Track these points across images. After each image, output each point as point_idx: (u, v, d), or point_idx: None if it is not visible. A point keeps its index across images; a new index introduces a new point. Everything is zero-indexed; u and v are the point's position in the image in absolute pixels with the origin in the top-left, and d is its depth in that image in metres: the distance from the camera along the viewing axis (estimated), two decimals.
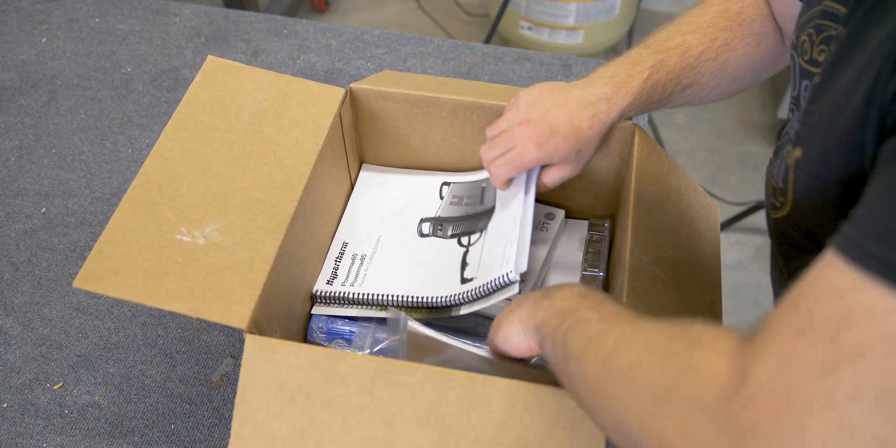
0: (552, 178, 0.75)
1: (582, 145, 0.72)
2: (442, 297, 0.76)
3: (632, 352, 0.46)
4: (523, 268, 0.72)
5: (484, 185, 0.87)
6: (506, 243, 0.75)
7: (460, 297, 0.75)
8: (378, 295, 0.78)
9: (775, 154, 0.64)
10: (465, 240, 0.83)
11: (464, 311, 0.75)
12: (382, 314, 0.78)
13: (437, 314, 0.77)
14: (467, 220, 0.84)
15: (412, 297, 0.77)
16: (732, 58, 0.73)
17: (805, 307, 0.37)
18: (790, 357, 0.36)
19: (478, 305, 0.75)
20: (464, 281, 0.78)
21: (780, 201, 0.59)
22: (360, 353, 0.77)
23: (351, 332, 0.77)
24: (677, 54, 0.71)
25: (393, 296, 0.78)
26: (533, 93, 0.74)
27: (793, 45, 0.61)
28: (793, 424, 0.34)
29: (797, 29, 0.60)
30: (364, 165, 0.91)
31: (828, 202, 0.51)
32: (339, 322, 0.79)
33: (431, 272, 0.80)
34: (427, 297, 0.77)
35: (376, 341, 0.77)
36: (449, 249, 0.82)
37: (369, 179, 0.90)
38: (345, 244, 0.84)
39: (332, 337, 0.78)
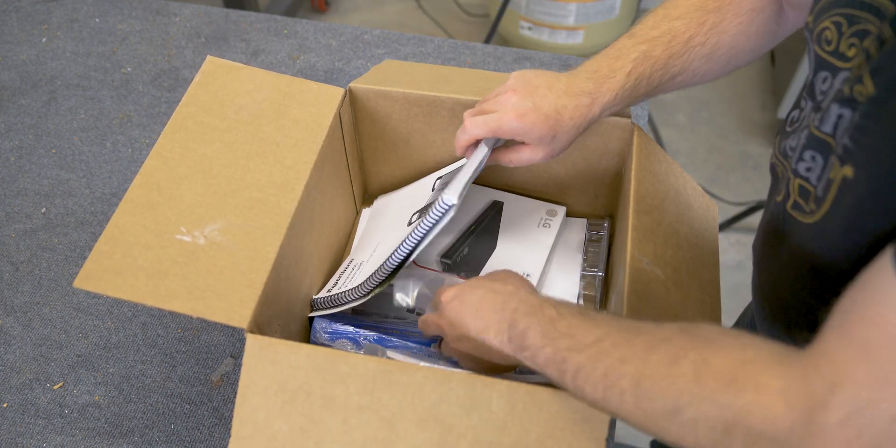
0: (520, 156, 0.74)
1: (559, 132, 0.70)
2: (396, 252, 0.74)
3: (659, 394, 0.47)
4: (454, 195, 0.70)
5: (463, 161, 0.86)
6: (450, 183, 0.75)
7: (407, 242, 0.73)
8: (361, 284, 0.77)
9: (782, 144, 0.61)
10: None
11: (412, 257, 0.74)
12: (363, 300, 0.77)
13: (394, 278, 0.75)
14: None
15: (380, 268, 0.76)
16: (723, 40, 0.70)
17: (874, 345, 0.39)
18: (863, 410, 0.39)
19: (423, 244, 0.73)
20: (409, 224, 0.78)
21: (811, 208, 0.56)
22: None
23: (356, 332, 0.77)
24: (663, 43, 0.69)
25: (370, 277, 0.77)
26: (525, 72, 0.73)
27: (807, 26, 0.58)
28: None
29: (815, 12, 0.57)
30: (376, 201, 0.93)
31: (872, 229, 0.48)
32: (344, 321, 0.79)
33: (393, 238, 0.79)
34: (387, 260, 0.75)
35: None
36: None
37: (380, 207, 0.91)
38: (352, 260, 0.85)
39: (335, 336, 0.78)
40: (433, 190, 0.87)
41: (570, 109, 0.69)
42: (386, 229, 0.86)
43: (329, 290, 0.81)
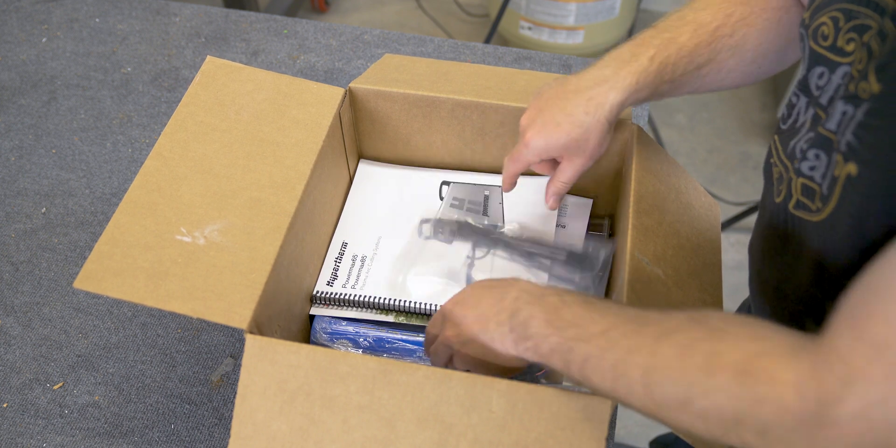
0: (564, 173, 0.73)
1: (582, 133, 0.68)
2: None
3: (670, 385, 0.47)
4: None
5: (487, 192, 0.87)
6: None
7: None
8: (379, 298, 0.78)
9: (784, 144, 0.61)
10: (468, 250, 0.82)
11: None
12: (382, 317, 0.78)
13: None
14: (471, 230, 0.83)
15: (416, 304, 0.77)
16: (751, 33, 0.67)
17: (887, 343, 0.39)
18: (877, 405, 0.39)
19: None
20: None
21: (817, 206, 0.55)
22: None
23: (356, 332, 0.77)
24: (689, 31, 0.67)
25: (395, 301, 0.78)
26: (540, 89, 0.73)
27: (803, 23, 0.58)
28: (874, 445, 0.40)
29: (813, 8, 0.57)
30: (362, 161, 0.91)
31: (879, 226, 0.48)
32: (343, 322, 0.79)
33: (436, 279, 0.80)
34: (433, 305, 0.77)
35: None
36: (452, 257, 0.82)
37: (367, 176, 0.90)
38: (344, 244, 0.83)
39: (335, 337, 0.78)
40: (441, 198, 0.87)
41: (582, 105, 0.68)
42: (386, 221, 0.85)
43: (330, 284, 0.80)
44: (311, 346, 0.61)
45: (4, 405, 0.81)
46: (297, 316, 0.76)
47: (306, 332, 0.81)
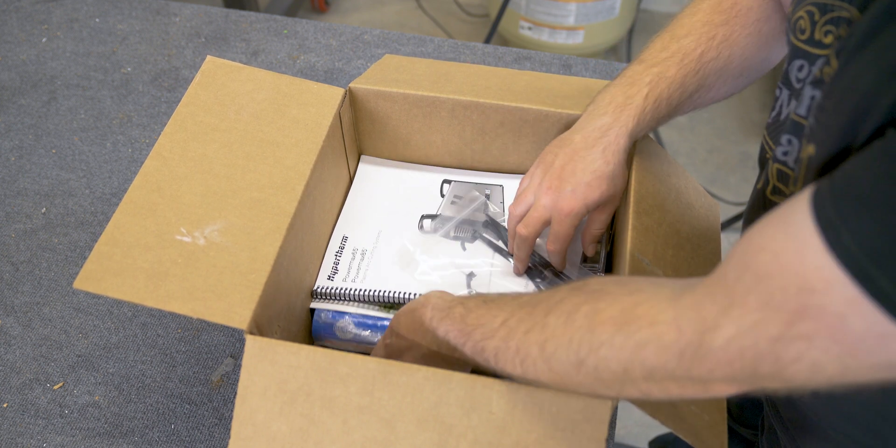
0: (599, 222, 0.74)
1: (612, 184, 0.71)
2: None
3: (563, 352, 0.49)
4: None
5: (488, 191, 0.87)
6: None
7: None
8: (380, 292, 0.78)
9: (772, 136, 0.62)
10: (468, 245, 0.83)
11: None
12: (383, 314, 0.78)
13: None
14: (471, 226, 0.84)
15: (417, 296, 0.77)
16: (735, 52, 0.70)
17: (767, 271, 0.39)
18: (748, 330, 0.40)
19: None
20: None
21: (790, 190, 0.57)
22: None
23: (357, 313, 0.78)
24: (675, 63, 0.69)
25: (396, 293, 0.78)
26: (545, 156, 0.73)
27: (787, 17, 0.59)
28: (743, 374, 0.41)
29: (795, 2, 0.58)
30: (363, 158, 0.91)
31: None
32: (346, 316, 0.79)
33: (435, 273, 0.80)
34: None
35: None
36: (452, 252, 0.82)
37: (368, 172, 0.90)
38: (345, 238, 0.84)
39: (338, 315, 0.78)
40: (442, 195, 0.87)
41: (600, 158, 0.69)
42: (386, 216, 0.85)
43: (330, 278, 0.80)
44: (311, 347, 0.61)
45: (4, 405, 0.81)
46: (297, 316, 0.76)
47: (307, 332, 0.81)
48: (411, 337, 0.65)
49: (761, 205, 0.62)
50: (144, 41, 1.20)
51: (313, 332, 0.79)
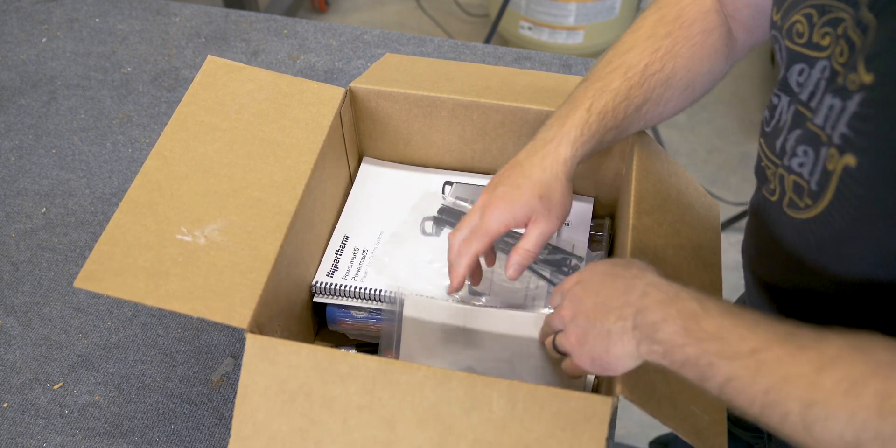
0: (530, 241, 0.68)
1: (545, 190, 0.66)
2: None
3: (835, 425, 0.44)
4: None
5: None
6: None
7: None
8: (379, 291, 0.78)
9: (771, 145, 0.61)
10: None
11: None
12: (384, 307, 0.78)
13: None
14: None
15: (412, 294, 0.78)
16: (679, 64, 0.69)
17: None
18: None
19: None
20: (473, 292, 0.79)
21: (806, 202, 0.55)
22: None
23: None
24: (619, 76, 0.68)
25: (396, 293, 0.78)
26: (493, 178, 0.70)
27: (775, 25, 0.59)
28: None
29: (784, 9, 0.57)
30: (365, 158, 0.91)
31: (887, 213, 0.47)
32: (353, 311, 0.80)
33: (438, 274, 0.80)
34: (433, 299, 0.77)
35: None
36: None
37: (370, 173, 0.90)
38: (346, 237, 0.84)
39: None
40: (444, 197, 0.87)
41: (538, 164, 0.67)
42: (388, 217, 0.85)
43: (330, 275, 0.80)
44: (311, 346, 0.61)
45: (4, 405, 0.81)
46: (297, 315, 0.76)
47: (308, 331, 0.81)
48: (591, 300, 0.58)
49: (777, 219, 0.60)
50: (144, 41, 1.20)
51: (328, 316, 0.80)
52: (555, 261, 0.80)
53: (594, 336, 0.57)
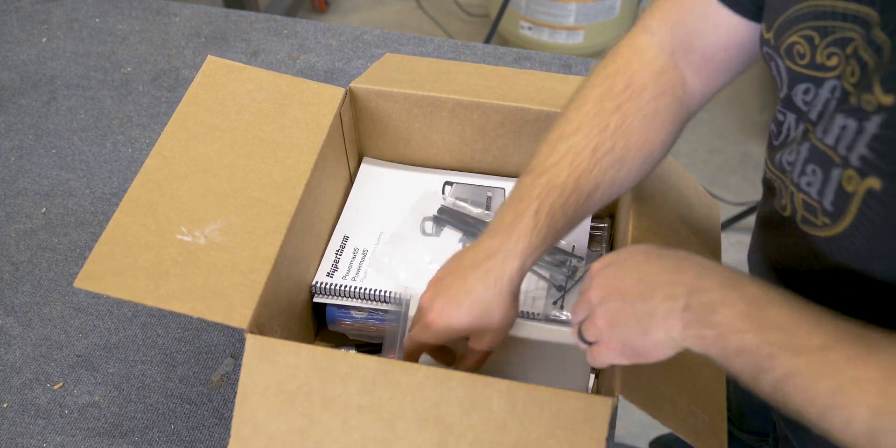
0: (472, 359, 0.66)
1: (485, 310, 0.62)
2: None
3: None
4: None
5: (489, 193, 0.87)
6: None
7: None
8: (380, 291, 0.78)
9: (778, 160, 0.60)
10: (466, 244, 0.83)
11: None
12: (385, 307, 0.78)
13: None
14: (473, 225, 0.84)
15: (417, 296, 0.78)
16: (631, 139, 0.63)
17: None
18: None
19: None
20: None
21: (823, 221, 0.53)
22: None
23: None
24: (566, 167, 0.62)
25: (396, 293, 0.78)
26: (441, 269, 0.67)
27: (767, 43, 0.57)
28: None
29: (776, 28, 0.55)
30: (365, 158, 0.92)
31: None
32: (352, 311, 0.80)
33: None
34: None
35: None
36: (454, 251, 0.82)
37: (370, 173, 0.90)
38: (346, 238, 0.84)
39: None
40: (444, 197, 0.87)
41: (481, 280, 0.62)
42: (388, 217, 0.86)
43: (330, 275, 0.80)
44: (311, 346, 0.61)
45: (4, 405, 0.81)
46: (297, 316, 0.76)
47: (307, 331, 0.81)
48: (632, 276, 0.54)
49: (795, 234, 0.58)
50: (144, 41, 1.20)
51: (328, 316, 0.80)
52: (555, 261, 0.80)
53: (630, 317, 0.53)
